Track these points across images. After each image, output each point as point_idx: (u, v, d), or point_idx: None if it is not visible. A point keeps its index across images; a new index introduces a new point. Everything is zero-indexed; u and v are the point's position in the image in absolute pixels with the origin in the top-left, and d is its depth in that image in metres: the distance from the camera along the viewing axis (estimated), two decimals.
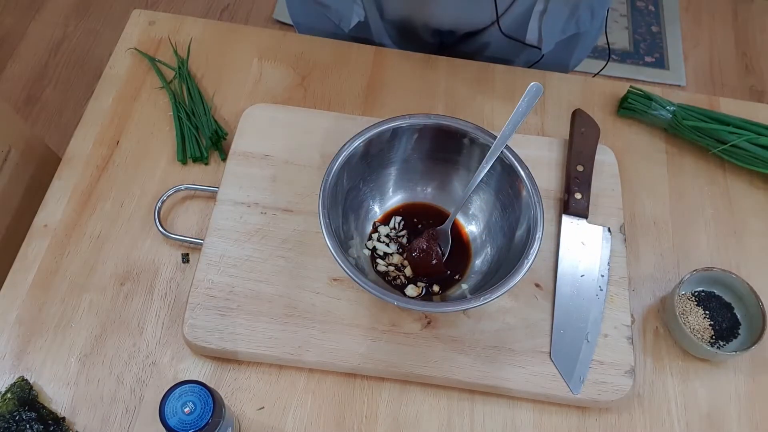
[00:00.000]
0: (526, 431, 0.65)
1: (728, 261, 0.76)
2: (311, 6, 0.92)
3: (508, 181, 0.69)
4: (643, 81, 1.95)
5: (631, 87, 0.85)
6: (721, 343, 0.69)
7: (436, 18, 0.87)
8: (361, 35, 0.91)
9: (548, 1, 0.82)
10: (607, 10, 0.94)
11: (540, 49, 0.88)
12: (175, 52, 0.86)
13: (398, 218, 0.74)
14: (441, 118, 0.70)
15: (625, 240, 0.74)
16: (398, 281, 0.70)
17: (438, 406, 0.66)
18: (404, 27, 0.90)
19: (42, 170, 0.83)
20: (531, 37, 0.88)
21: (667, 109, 0.82)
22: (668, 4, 2.16)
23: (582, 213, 0.74)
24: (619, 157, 0.80)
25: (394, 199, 0.75)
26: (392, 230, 0.73)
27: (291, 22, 1.03)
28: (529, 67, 0.92)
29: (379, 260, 0.72)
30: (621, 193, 0.77)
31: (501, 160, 0.68)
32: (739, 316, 0.70)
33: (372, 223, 0.74)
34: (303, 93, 0.85)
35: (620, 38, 2.07)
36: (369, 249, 0.72)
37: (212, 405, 0.51)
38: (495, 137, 0.67)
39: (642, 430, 0.66)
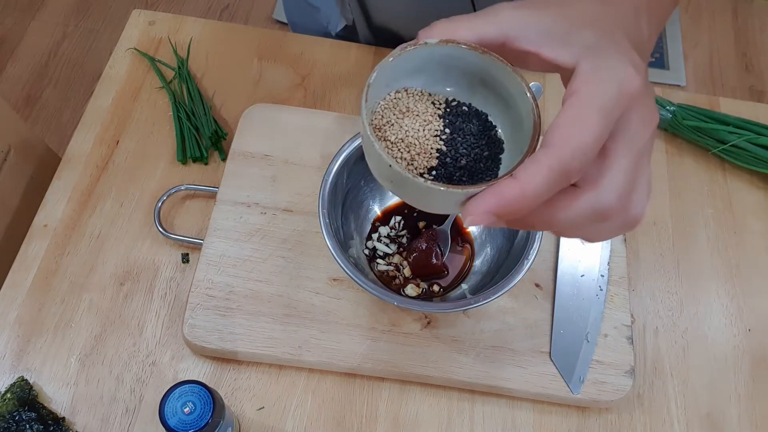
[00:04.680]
0: (526, 431, 0.65)
1: (728, 261, 0.76)
2: (304, 6, 0.91)
3: None
4: None
5: None
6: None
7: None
8: (349, 40, 0.91)
9: None
10: None
11: None
12: (175, 52, 0.86)
13: (398, 218, 0.74)
14: None
15: (625, 240, 0.74)
16: (398, 281, 0.70)
17: (438, 406, 0.66)
18: (391, 36, 0.90)
19: (42, 170, 0.83)
20: None
21: (667, 109, 0.82)
22: None
23: None
24: None
25: (394, 199, 0.75)
26: (392, 230, 0.73)
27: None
28: None
29: (379, 260, 0.72)
30: None
31: None
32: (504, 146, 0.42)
33: (372, 223, 0.74)
34: (303, 93, 0.85)
35: None
36: (369, 249, 0.72)
37: (212, 405, 0.51)
38: None
39: (642, 430, 0.66)
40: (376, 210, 0.74)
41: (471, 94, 0.41)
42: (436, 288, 0.70)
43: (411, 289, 0.69)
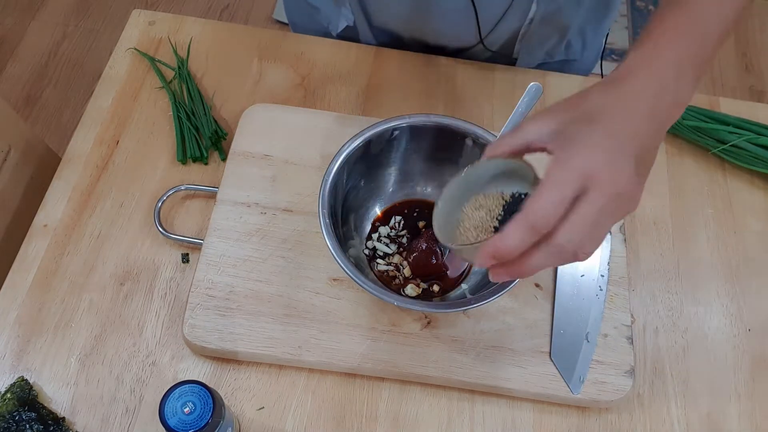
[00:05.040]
0: (525, 431, 0.65)
1: (728, 261, 0.76)
2: (304, 7, 0.92)
3: None
4: None
5: None
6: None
7: (421, 33, 0.87)
8: (350, 40, 0.91)
9: (531, 24, 0.82)
10: (604, 45, 0.94)
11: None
12: (175, 52, 0.86)
13: (398, 218, 0.74)
14: (441, 118, 0.70)
15: (625, 240, 0.74)
16: (398, 281, 0.70)
17: (438, 406, 0.66)
18: (392, 37, 0.90)
19: (42, 170, 0.83)
20: (516, 55, 0.89)
21: None
22: None
23: None
24: None
25: (394, 199, 0.75)
26: (392, 230, 0.73)
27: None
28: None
29: (379, 260, 0.72)
30: None
31: None
32: None
33: (372, 223, 0.74)
34: (303, 93, 0.85)
35: (620, 38, 2.07)
36: (369, 249, 0.72)
37: (212, 405, 0.51)
38: (495, 137, 0.67)
39: (642, 430, 0.66)
40: (376, 210, 0.74)
41: (523, 185, 0.55)
42: (436, 288, 0.70)
43: (411, 289, 0.69)
